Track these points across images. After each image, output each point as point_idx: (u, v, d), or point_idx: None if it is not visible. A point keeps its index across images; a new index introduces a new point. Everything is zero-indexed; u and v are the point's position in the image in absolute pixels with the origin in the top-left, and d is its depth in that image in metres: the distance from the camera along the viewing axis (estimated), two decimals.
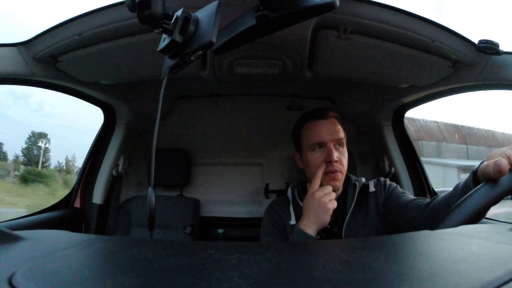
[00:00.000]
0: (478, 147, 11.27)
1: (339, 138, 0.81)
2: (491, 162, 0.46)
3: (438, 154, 10.68)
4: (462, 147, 11.46)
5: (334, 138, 0.80)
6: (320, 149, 0.81)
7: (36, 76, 0.88)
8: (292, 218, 0.84)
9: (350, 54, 0.86)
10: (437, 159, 9.61)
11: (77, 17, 0.76)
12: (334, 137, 0.80)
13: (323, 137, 0.80)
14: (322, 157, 0.80)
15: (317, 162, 0.80)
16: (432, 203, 0.68)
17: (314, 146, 0.81)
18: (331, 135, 0.80)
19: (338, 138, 0.81)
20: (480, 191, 0.44)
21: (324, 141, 0.80)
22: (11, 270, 0.22)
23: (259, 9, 0.48)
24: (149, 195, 0.38)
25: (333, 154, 0.79)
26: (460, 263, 0.24)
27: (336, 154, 0.79)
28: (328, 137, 0.80)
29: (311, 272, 0.22)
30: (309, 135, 0.83)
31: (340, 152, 0.81)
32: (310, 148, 0.82)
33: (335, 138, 0.80)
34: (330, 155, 0.78)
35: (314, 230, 0.72)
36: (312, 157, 0.81)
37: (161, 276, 0.22)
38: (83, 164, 1.29)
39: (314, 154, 0.81)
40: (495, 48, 0.77)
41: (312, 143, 0.81)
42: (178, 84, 1.26)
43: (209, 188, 1.45)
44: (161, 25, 0.45)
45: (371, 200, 0.83)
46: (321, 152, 0.81)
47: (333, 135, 0.81)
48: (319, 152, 0.81)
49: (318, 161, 0.80)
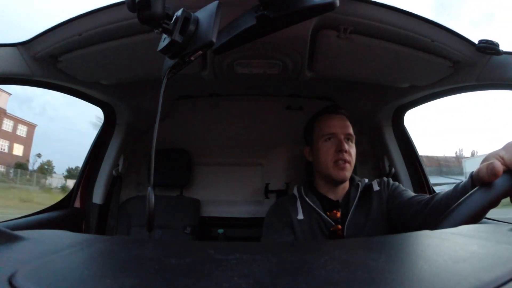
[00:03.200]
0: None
1: (350, 133, 0.88)
2: (484, 165, 0.46)
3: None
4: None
5: (345, 131, 0.87)
6: (331, 140, 0.87)
7: (36, 76, 0.88)
8: (300, 213, 0.86)
9: (350, 54, 0.86)
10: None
11: (77, 17, 0.76)
12: (345, 130, 0.87)
13: (335, 128, 0.87)
14: (333, 147, 0.86)
15: (328, 151, 0.86)
16: (432, 202, 0.69)
17: (326, 137, 0.87)
18: (342, 128, 0.87)
19: (348, 133, 0.88)
20: (474, 196, 0.44)
21: (336, 132, 0.86)
22: (11, 270, 0.22)
23: (259, 9, 0.48)
24: (148, 195, 0.38)
25: (344, 143, 0.85)
26: (460, 263, 0.24)
27: (346, 145, 0.85)
28: (340, 130, 0.87)
29: (311, 272, 0.22)
30: (321, 127, 0.89)
31: (350, 146, 0.87)
32: (322, 138, 0.88)
33: (346, 132, 0.87)
34: (341, 144, 0.85)
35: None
36: (323, 146, 0.87)
37: (161, 276, 0.22)
38: (83, 164, 1.29)
39: (325, 143, 0.87)
40: (495, 48, 0.77)
41: (325, 133, 0.88)
42: (178, 84, 1.26)
43: (209, 188, 1.45)
44: (161, 25, 0.45)
45: (374, 199, 0.85)
46: (331, 142, 0.87)
47: (344, 128, 0.87)
48: (330, 143, 0.87)
49: (329, 150, 0.86)
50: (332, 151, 0.85)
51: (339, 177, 0.84)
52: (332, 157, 0.85)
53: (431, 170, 10.05)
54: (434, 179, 2.91)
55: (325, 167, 0.86)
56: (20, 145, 19.27)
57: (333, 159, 0.84)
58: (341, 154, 0.84)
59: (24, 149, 19.46)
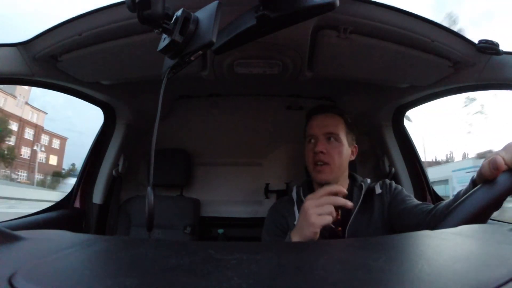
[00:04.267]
0: None
1: (329, 131, 0.83)
2: (485, 162, 0.46)
3: None
4: None
5: (324, 131, 0.83)
6: (311, 142, 0.85)
7: (36, 76, 0.88)
8: (297, 219, 0.83)
9: (350, 54, 0.86)
10: None
11: (77, 17, 0.76)
12: (324, 130, 0.83)
13: (314, 129, 0.85)
14: (313, 148, 0.83)
15: (308, 153, 0.84)
16: (435, 210, 0.68)
17: (308, 139, 0.86)
18: (321, 128, 0.84)
19: (327, 132, 0.83)
20: (477, 193, 0.43)
21: (315, 133, 0.84)
22: (11, 270, 0.22)
23: (259, 9, 0.48)
24: (148, 195, 0.38)
25: (319, 144, 0.82)
26: (460, 263, 0.24)
27: (323, 146, 0.81)
28: (318, 130, 0.84)
29: (311, 272, 0.22)
30: (306, 129, 0.88)
31: (331, 145, 0.83)
32: (306, 141, 0.87)
33: (324, 131, 0.83)
34: (314, 146, 0.82)
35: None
36: (307, 148, 0.86)
37: (161, 276, 0.22)
38: (83, 164, 1.29)
39: (308, 145, 0.86)
40: (495, 48, 0.77)
41: (307, 136, 0.87)
42: (178, 84, 1.26)
43: (209, 188, 1.45)
44: (161, 25, 0.45)
45: (376, 202, 0.83)
46: (312, 144, 0.84)
47: (323, 128, 0.84)
48: (311, 144, 0.85)
49: (309, 152, 0.84)
50: (311, 153, 0.83)
51: (318, 180, 0.82)
52: (311, 159, 0.83)
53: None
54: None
55: (310, 170, 0.85)
56: (55, 156, 23.34)
57: (313, 161, 0.82)
58: (316, 156, 0.81)
59: (57, 159, 23.52)
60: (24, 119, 19.88)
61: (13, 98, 19.54)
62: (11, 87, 18.42)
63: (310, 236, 0.62)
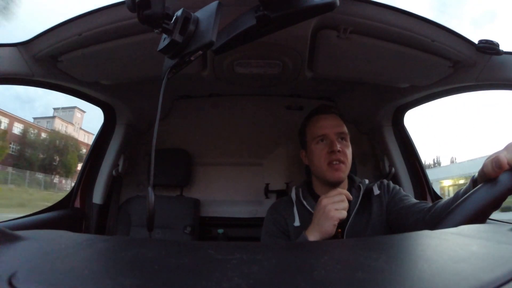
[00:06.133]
0: None
1: (341, 131, 0.85)
2: (488, 160, 0.46)
3: None
4: None
5: (336, 131, 0.84)
6: (323, 142, 0.84)
7: (36, 76, 0.88)
8: (296, 220, 0.83)
9: (350, 54, 0.86)
10: None
11: (77, 17, 0.76)
12: (336, 130, 0.84)
13: (326, 129, 0.84)
14: (325, 148, 0.83)
15: (321, 153, 0.83)
16: (434, 208, 0.68)
17: (317, 139, 0.85)
18: (333, 128, 0.84)
19: (340, 132, 0.84)
20: (480, 191, 0.43)
21: (326, 133, 0.84)
22: (11, 270, 0.22)
23: (259, 9, 0.48)
24: (148, 195, 0.38)
25: (335, 143, 0.82)
26: (460, 263, 0.24)
27: (339, 145, 0.82)
28: (330, 130, 0.84)
29: (311, 272, 0.22)
30: (312, 129, 0.86)
31: (343, 145, 0.84)
32: (314, 141, 0.85)
33: (337, 131, 0.84)
34: (332, 145, 0.82)
35: (317, 239, 0.70)
36: (316, 148, 0.85)
37: (161, 276, 0.22)
38: (83, 164, 1.29)
39: (318, 145, 0.84)
40: (495, 48, 0.77)
41: (315, 136, 0.85)
42: (178, 84, 1.26)
43: (209, 188, 1.45)
44: (161, 25, 0.45)
45: (374, 203, 0.83)
46: (324, 144, 0.84)
47: (335, 128, 0.84)
48: (323, 144, 0.84)
49: (322, 152, 0.83)
50: (324, 153, 0.82)
51: (334, 179, 0.81)
52: (325, 158, 0.82)
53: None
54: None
55: (320, 170, 0.83)
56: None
57: (327, 161, 0.81)
58: (334, 154, 0.81)
59: None
60: (80, 140, 27.30)
61: (72, 125, 28.27)
62: (69, 117, 28.30)
63: (329, 230, 0.68)
